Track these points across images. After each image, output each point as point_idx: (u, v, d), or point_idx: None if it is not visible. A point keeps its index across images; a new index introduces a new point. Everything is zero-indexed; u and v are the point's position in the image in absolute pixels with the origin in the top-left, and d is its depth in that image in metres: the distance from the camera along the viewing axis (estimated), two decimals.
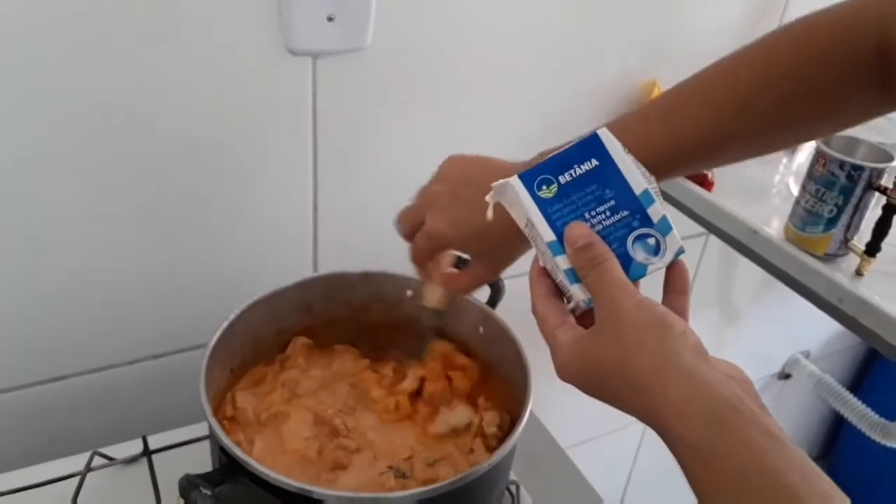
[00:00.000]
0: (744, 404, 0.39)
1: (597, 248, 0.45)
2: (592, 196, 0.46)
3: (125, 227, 0.73)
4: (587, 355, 0.44)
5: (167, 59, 0.66)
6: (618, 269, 0.44)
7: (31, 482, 0.68)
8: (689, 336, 0.42)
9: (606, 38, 0.90)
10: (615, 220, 0.46)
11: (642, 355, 0.41)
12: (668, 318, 0.42)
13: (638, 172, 0.46)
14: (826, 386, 1.51)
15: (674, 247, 0.46)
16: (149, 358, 0.81)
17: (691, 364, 0.40)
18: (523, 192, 0.46)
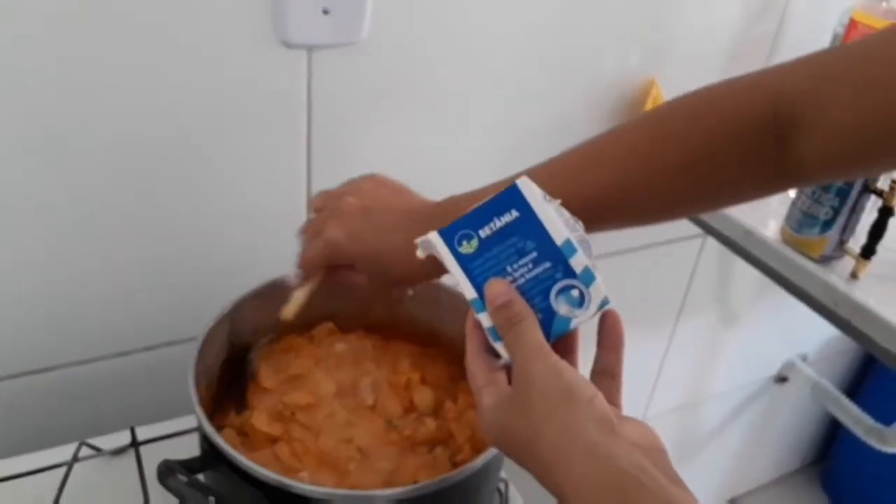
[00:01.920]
0: (647, 476, 0.38)
1: (514, 307, 0.44)
2: (514, 249, 0.45)
3: (116, 219, 0.73)
4: (503, 424, 0.43)
5: (159, 51, 0.66)
6: (534, 330, 0.44)
7: (17, 471, 0.67)
8: (597, 405, 0.41)
9: (605, 37, 0.90)
10: (538, 273, 0.45)
11: (547, 428, 0.40)
12: (575, 385, 0.41)
13: (559, 221, 0.45)
14: (822, 390, 1.51)
15: (598, 298, 0.45)
16: (139, 350, 0.81)
17: (593, 438, 0.39)
18: (443, 248, 0.46)
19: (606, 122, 0.96)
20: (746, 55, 1.04)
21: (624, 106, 0.96)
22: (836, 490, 1.85)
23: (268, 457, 0.62)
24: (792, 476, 1.90)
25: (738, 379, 1.53)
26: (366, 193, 0.60)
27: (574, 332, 0.47)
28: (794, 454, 1.88)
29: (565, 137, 0.93)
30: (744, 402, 1.59)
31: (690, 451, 1.56)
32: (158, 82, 0.68)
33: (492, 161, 0.90)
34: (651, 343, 1.27)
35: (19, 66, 0.62)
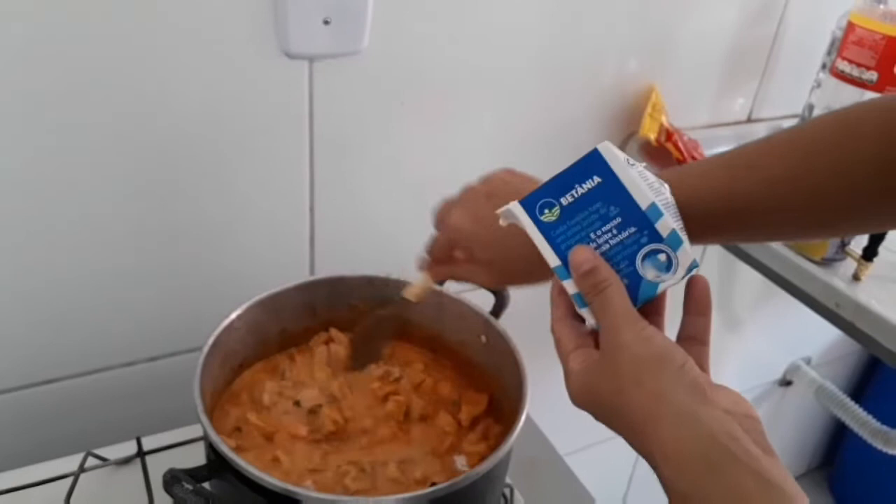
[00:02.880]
0: (739, 445, 0.37)
1: (600, 273, 0.43)
2: (597, 215, 0.44)
3: (120, 231, 0.73)
4: (592, 387, 0.43)
5: (163, 62, 0.67)
6: (621, 295, 0.43)
7: (24, 482, 0.68)
8: (688, 371, 0.40)
9: (604, 42, 0.90)
10: (622, 238, 0.44)
11: (637, 394, 0.40)
12: (666, 352, 0.41)
13: (644, 185, 0.44)
14: (827, 393, 1.50)
15: (686, 261, 0.43)
16: (145, 360, 0.81)
17: (685, 403, 0.39)
18: (525, 217, 0.45)
19: (607, 127, 0.96)
20: (745, 59, 1.04)
21: (624, 110, 0.96)
22: (843, 493, 1.85)
23: (270, 463, 0.62)
24: (798, 480, 1.86)
25: (742, 383, 1.52)
26: (494, 180, 0.60)
27: (661, 296, 0.45)
28: (800, 458, 1.88)
29: (566, 143, 0.95)
30: None
31: None
32: (161, 93, 0.68)
33: (493, 166, 0.91)
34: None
35: (28, 80, 0.62)
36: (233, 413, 0.66)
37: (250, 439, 0.64)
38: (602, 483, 0.86)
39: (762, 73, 1.07)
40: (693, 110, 1.04)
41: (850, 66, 0.89)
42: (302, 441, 0.64)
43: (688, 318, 0.46)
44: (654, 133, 0.93)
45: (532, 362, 0.64)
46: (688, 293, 0.46)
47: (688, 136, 0.97)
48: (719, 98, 1.06)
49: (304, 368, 0.72)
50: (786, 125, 1.10)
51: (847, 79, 0.90)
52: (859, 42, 0.88)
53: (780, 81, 1.08)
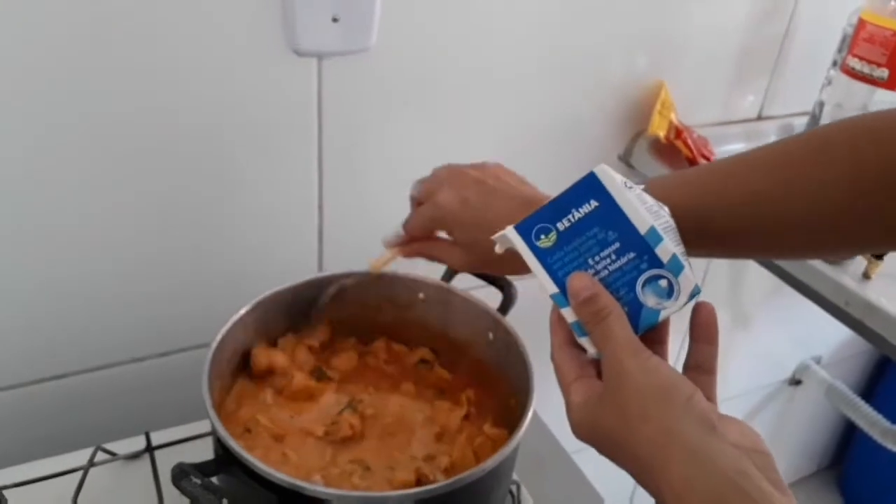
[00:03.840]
0: (751, 483, 0.35)
1: (600, 301, 0.42)
2: (595, 240, 0.43)
3: (129, 227, 0.73)
4: (595, 421, 0.41)
5: (171, 59, 0.67)
6: (622, 324, 0.41)
7: (34, 476, 0.68)
8: (696, 403, 0.38)
9: (612, 39, 0.90)
10: (621, 264, 0.42)
11: (644, 429, 0.38)
12: (673, 384, 0.39)
13: (642, 209, 0.42)
14: (837, 392, 1.49)
15: (688, 287, 0.42)
16: (154, 356, 0.82)
17: (694, 439, 0.37)
18: (520, 242, 0.44)
19: (615, 124, 0.96)
20: (755, 56, 1.04)
21: (633, 108, 0.96)
22: (853, 493, 1.84)
23: (278, 458, 0.62)
24: (808, 480, 1.89)
25: (751, 382, 1.52)
26: (489, 171, 0.59)
27: (663, 323, 0.44)
28: (809, 458, 1.87)
29: (574, 140, 0.95)
30: (758, 406, 1.58)
31: None
32: (170, 90, 0.68)
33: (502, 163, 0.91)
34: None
35: (32, 75, 0.63)
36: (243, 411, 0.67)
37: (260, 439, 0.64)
38: (609, 481, 0.86)
39: (772, 71, 1.06)
40: (703, 108, 1.03)
41: (860, 63, 0.89)
42: (313, 438, 0.64)
43: (694, 347, 0.45)
44: (664, 131, 0.93)
45: (539, 359, 0.64)
46: (693, 320, 0.45)
47: (697, 134, 0.96)
48: (729, 95, 1.05)
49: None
50: (796, 123, 1.10)
51: (858, 76, 0.89)
52: (870, 39, 0.88)
53: (791, 79, 1.08)
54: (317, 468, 0.62)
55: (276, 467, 0.53)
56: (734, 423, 0.40)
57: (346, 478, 0.61)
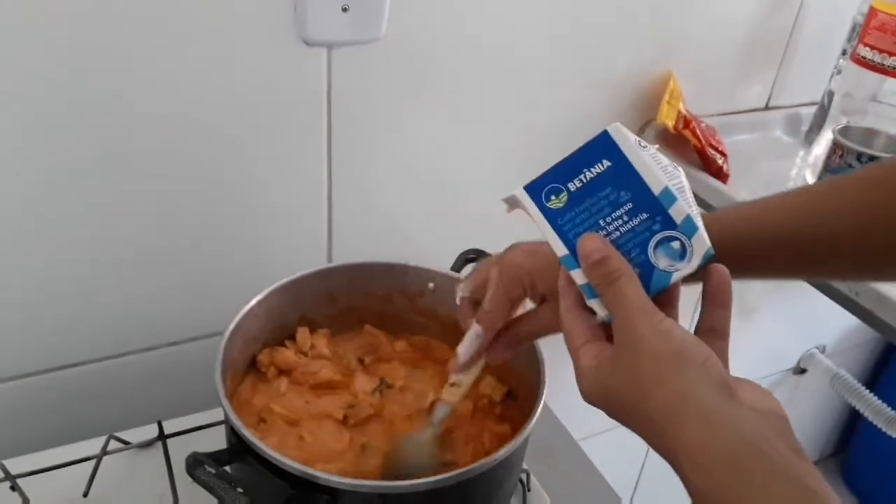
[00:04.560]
0: (771, 446, 0.34)
1: (612, 263, 0.41)
2: (607, 201, 0.42)
3: (141, 218, 0.74)
4: (607, 385, 0.41)
5: (180, 49, 0.67)
6: (635, 286, 0.41)
7: (48, 465, 0.69)
8: (711, 367, 0.38)
9: (621, 30, 0.90)
10: (634, 225, 0.41)
11: (659, 392, 0.38)
12: (687, 347, 0.38)
13: (656, 168, 0.41)
14: (842, 381, 1.50)
15: (701, 249, 0.41)
16: (166, 345, 0.82)
17: (710, 402, 0.36)
18: (530, 203, 0.43)
19: (624, 114, 0.96)
20: (764, 45, 1.03)
21: (641, 98, 0.96)
22: (856, 481, 1.84)
23: (291, 446, 0.63)
24: None
25: (756, 371, 1.52)
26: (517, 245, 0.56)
27: (674, 285, 0.43)
28: (813, 446, 1.87)
29: (583, 131, 0.93)
30: None
31: None
32: (179, 80, 0.68)
33: (510, 155, 0.91)
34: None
35: (38, 65, 0.63)
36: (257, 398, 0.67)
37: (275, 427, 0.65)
38: (615, 466, 0.86)
39: (781, 60, 1.06)
40: (711, 97, 1.03)
41: (871, 52, 0.89)
42: (331, 420, 0.65)
43: (707, 310, 0.44)
44: (672, 120, 0.93)
45: (548, 348, 0.64)
46: (706, 284, 0.44)
47: (705, 124, 0.96)
48: (737, 85, 1.05)
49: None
50: (804, 113, 1.09)
51: (869, 65, 0.89)
52: (881, 27, 0.87)
53: (799, 68, 1.07)
54: (335, 451, 0.62)
55: (293, 452, 0.53)
56: (751, 387, 0.39)
57: (363, 461, 0.62)
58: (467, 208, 0.90)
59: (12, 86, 0.62)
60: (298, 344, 0.72)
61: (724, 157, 0.92)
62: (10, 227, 0.68)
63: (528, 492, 0.72)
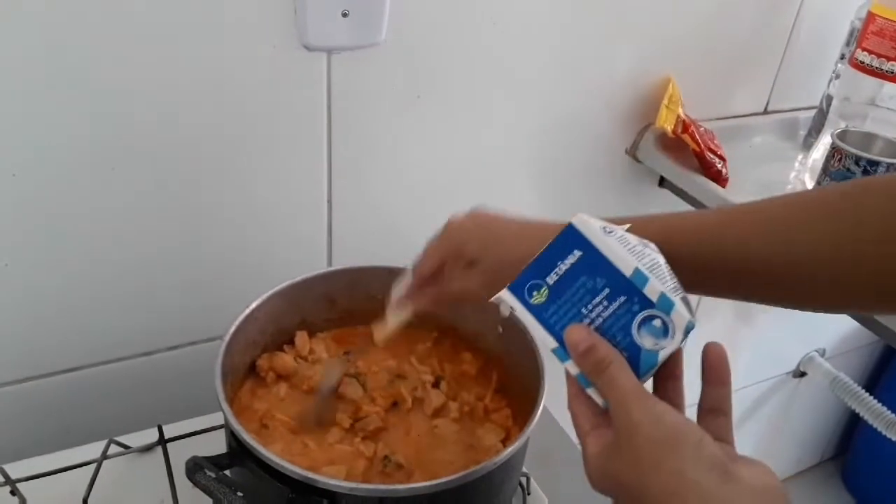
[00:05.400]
0: None
1: (599, 352, 0.42)
2: (585, 289, 0.43)
3: (141, 222, 0.74)
4: (610, 473, 0.41)
5: (181, 53, 0.67)
6: (625, 372, 0.41)
7: (48, 469, 0.69)
8: (705, 449, 0.39)
9: (619, 34, 0.90)
10: (615, 309, 0.42)
11: (657, 477, 0.38)
12: (680, 431, 0.39)
13: (623, 251, 0.42)
14: (841, 384, 1.50)
15: (681, 323, 0.41)
16: (166, 349, 0.82)
17: (706, 483, 0.37)
18: (516, 302, 0.45)
19: (623, 119, 0.96)
20: (762, 50, 1.04)
21: (640, 102, 0.96)
22: (856, 485, 1.84)
23: (292, 451, 0.63)
24: (812, 471, 1.89)
25: (756, 374, 1.52)
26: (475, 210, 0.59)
27: (676, 357, 0.44)
28: (813, 449, 1.87)
29: (582, 134, 0.95)
30: (762, 398, 1.58)
31: None
32: (180, 84, 0.69)
33: (509, 160, 0.91)
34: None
35: (41, 67, 0.63)
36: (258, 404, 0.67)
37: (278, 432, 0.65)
38: None
39: (779, 64, 1.06)
40: (710, 102, 1.03)
41: (869, 56, 0.89)
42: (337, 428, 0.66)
43: (706, 389, 0.44)
44: (671, 124, 0.93)
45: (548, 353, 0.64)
46: (704, 362, 0.44)
47: (704, 128, 0.96)
48: (736, 89, 1.05)
49: None
50: (802, 117, 1.10)
51: (867, 69, 0.89)
52: (880, 32, 0.87)
53: (798, 72, 1.07)
54: (340, 458, 0.63)
55: (298, 459, 0.53)
56: (749, 465, 0.40)
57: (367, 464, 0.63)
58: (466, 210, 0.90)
59: (11, 86, 0.63)
60: (297, 348, 0.72)
61: (723, 162, 0.93)
62: (8, 231, 0.68)
63: (527, 495, 0.72)
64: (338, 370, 0.68)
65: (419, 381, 0.70)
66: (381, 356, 0.73)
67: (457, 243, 0.57)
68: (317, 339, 0.74)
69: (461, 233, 0.58)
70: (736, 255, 0.47)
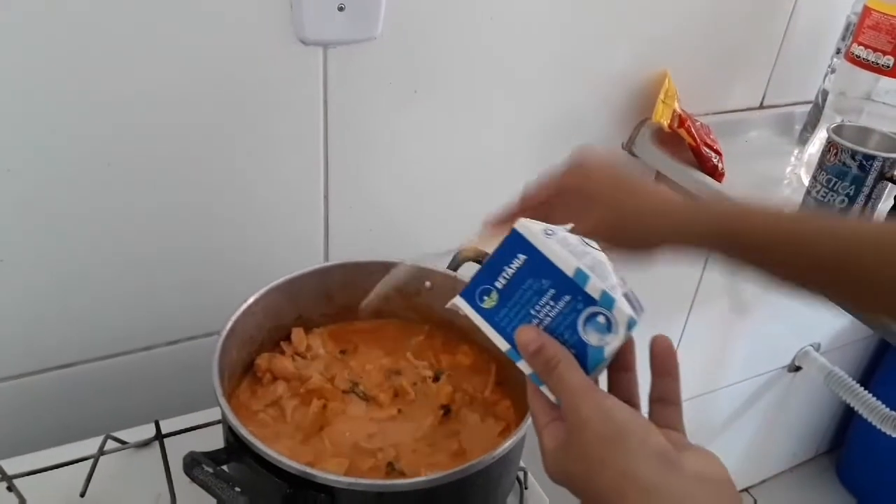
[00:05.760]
0: None
1: (548, 351, 0.43)
2: (532, 291, 0.45)
3: (139, 218, 0.74)
4: (564, 468, 0.43)
5: (178, 48, 0.67)
6: (573, 369, 0.43)
7: (45, 465, 0.69)
8: (650, 443, 0.40)
9: (617, 29, 0.90)
10: (561, 308, 0.44)
11: (604, 474, 0.40)
12: (626, 426, 0.40)
13: (564, 252, 0.44)
14: (836, 379, 1.51)
15: (622, 319, 0.43)
16: (163, 344, 0.82)
17: (650, 477, 0.38)
18: (468, 308, 0.46)
19: (619, 114, 0.96)
20: (758, 45, 1.04)
21: (637, 97, 0.96)
22: (851, 478, 1.85)
23: (291, 446, 0.63)
24: (807, 465, 1.90)
25: (751, 369, 1.53)
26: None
27: (628, 350, 0.46)
28: (808, 443, 1.88)
29: (579, 129, 0.95)
30: (758, 392, 1.59)
31: (705, 441, 1.54)
32: (176, 80, 0.68)
33: (506, 154, 0.91)
34: (665, 333, 1.27)
35: (37, 66, 0.63)
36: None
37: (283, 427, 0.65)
38: None
39: (775, 59, 1.06)
40: (705, 96, 1.03)
41: (865, 50, 0.89)
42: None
43: (655, 381, 0.46)
44: (667, 119, 0.93)
45: None
46: (651, 354, 0.46)
47: (700, 122, 0.97)
48: (732, 84, 1.05)
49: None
50: (798, 112, 1.10)
51: (863, 64, 0.89)
52: (875, 27, 0.88)
53: (794, 67, 1.08)
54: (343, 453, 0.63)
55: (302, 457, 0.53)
56: (696, 454, 0.41)
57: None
58: (463, 207, 0.90)
59: (10, 86, 0.62)
60: (294, 345, 0.72)
61: (719, 156, 0.93)
62: (5, 227, 0.68)
63: (525, 490, 0.72)
64: (405, 272, 0.67)
65: (418, 375, 0.70)
66: (375, 354, 0.73)
67: (583, 176, 0.57)
68: (313, 334, 0.74)
69: (590, 169, 0.57)
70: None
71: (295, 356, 0.71)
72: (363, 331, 0.76)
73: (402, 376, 0.70)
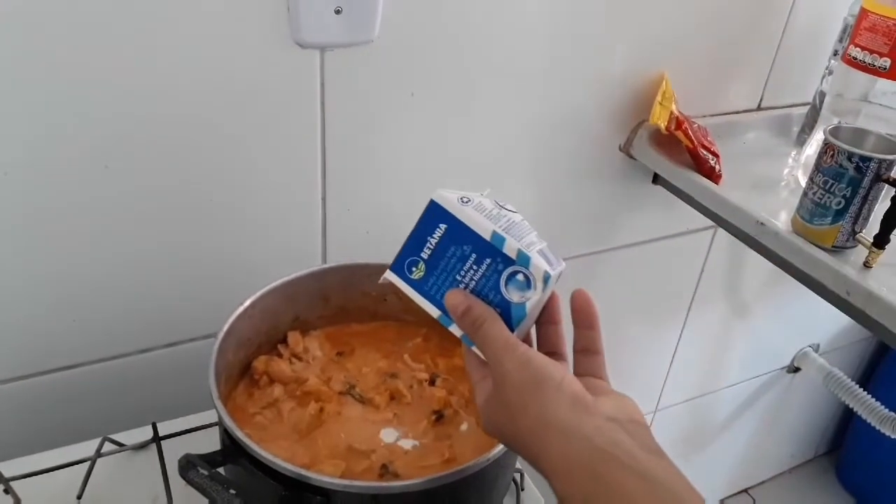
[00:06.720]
0: (622, 450, 0.39)
1: (474, 311, 0.46)
2: (455, 258, 0.47)
3: (134, 219, 0.74)
4: (492, 419, 0.46)
5: (174, 51, 0.67)
6: (497, 327, 0.45)
7: (42, 467, 0.69)
8: (566, 387, 0.42)
9: (614, 31, 0.90)
10: (484, 271, 0.47)
11: (525, 420, 0.42)
12: (543, 373, 0.43)
13: (480, 218, 0.47)
14: (835, 380, 1.50)
15: (539, 275, 0.46)
16: (160, 347, 0.82)
17: (566, 418, 0.41)
18: (399, 281, 0.49)
19: (616, 116, 0.96)
20: (755, 46, 1.04)
21: (634, 99, 0.96)
22: (850, 479, 1.85)
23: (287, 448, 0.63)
24: (806, 466, 1.90)
25: (750, 370, 1.53)
26: None
27: (554, 304, 0.49)
28: (807, 444, 1.88)
29: (576, 131, 0.95)
30: (757, 393, 1.59)
31: (704, 442, 1.56)
32: (173, 82, 0.68)
33: (503, 156, 0.91)
34: (663, 335, 1.28)
35: (33, 65, 0.63)
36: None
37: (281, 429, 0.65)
38: None
39: (772, 61, 1.06)
40: (703, 98, 1.03)
41: (862, 52, 0.89)
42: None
43: (577, 332, 0.49)
44: (664, 121, 0.93)
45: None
46: (572, 308, 0.49)
47: (697, 124, 0.97)
48: (729, 86, 1.05)
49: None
50: (796, 113, 1.10)
51: (859, 66, 0.89)
52: (872, 28, 0.87)
53: (791, 69, 1.08)
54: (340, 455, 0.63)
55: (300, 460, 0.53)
56: (611, 398, 0.44)
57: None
58: None
59: (10, 85, 0.62)
60: (291, 347, 0.72)
61: (717, 158, 0.93)
62: (2, 228, 0.68)
63: (521, 492, 0.72)
64: None
65: (414, 378, 0.71)
66: (372, 357, 0.73)
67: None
68: (310, 336, 0.74)
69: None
70: None
71: (292, 358, 0.71)
72: (360, 333, 0.76)
73: (399, 379, 0.70)
